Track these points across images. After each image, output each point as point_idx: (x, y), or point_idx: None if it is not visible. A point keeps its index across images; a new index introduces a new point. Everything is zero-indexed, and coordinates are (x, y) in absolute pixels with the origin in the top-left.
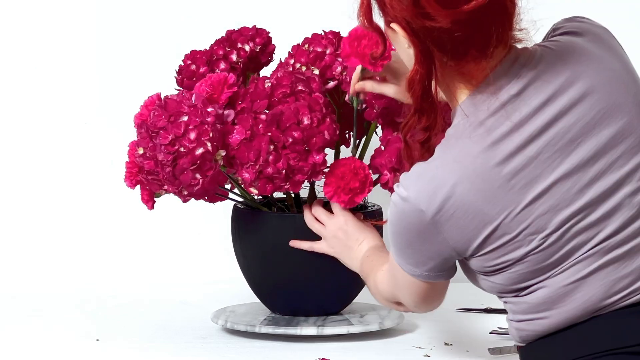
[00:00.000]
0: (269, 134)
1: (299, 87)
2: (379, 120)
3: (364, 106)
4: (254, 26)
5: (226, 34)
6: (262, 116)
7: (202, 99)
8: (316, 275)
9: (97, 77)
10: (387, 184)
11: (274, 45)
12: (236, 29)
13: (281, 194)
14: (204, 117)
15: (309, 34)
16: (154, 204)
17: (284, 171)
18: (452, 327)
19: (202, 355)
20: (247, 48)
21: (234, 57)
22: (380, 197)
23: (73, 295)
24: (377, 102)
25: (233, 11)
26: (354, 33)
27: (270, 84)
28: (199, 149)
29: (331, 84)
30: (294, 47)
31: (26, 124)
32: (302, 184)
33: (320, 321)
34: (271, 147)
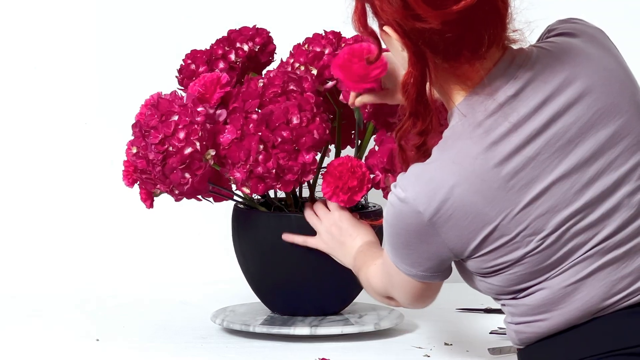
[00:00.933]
0: (259, 133)
1: (291, 87)
2: (372, 121)
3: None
4: (254, 26)
5: (227, 34)
6: (254, 116)
7: (193, 99)
8: (315, 275)
9: (97, 77)
10: (378, 184)
11: (274, 45)
12: (237, 29)
13: (282, 193)
14: (193, 116)
15: (310, 34)
16: (152, 203)
17: (274, 171)
18: (452, 327)
19: (202, 355)
20: (246, 48)
21: (232, 56)
22: (380, 197)
23: (73, 295)
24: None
25: (234, 11)
26: (342, 56)
27: (262, 84)
28: (187, 149)
29: (330, 83)
30: (294, 47)
31: (26, 124)
32: (294, 183)
33: (317, 321)
34: (261, 146)
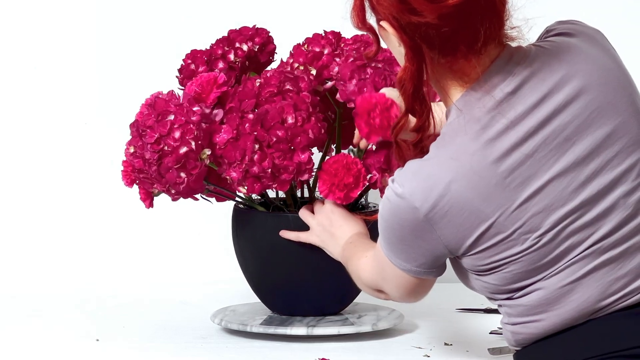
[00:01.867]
0: (254, 133)
1: (287, 87)
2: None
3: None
4: (254, 26)
5: (227, 34)
6: (250, 115)
7: (189, 98)
8: (315, 275)
9: (97, 77)
10: (375, 183)
11: (274, 45)
12: (237, 29)
13: (282, 193)
14: (189, 116)
15: (311, 34)
16: (151, 202)
17: (269, 170)
18: (452, 327)
19: (202, 355)
20: (245, 48)
21: (231, 56)
22: (379, 197)
23: (73, 295)
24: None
25: (235, 11)
26: (361, 107)
27: (259, 84)
28: (182, 148)
29: (329, 84)
30: (294, 47)
31: (26, 124)
32: (289, 183)
33: (314, 321)
34: (256, 146)
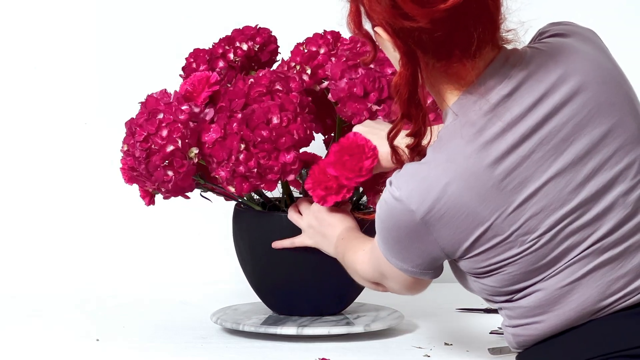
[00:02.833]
0: (241, 132)
1: (276, 87)
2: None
3: None
4: (256, 25)
5: (232, 33)
6: (239, 115)
7: (178, 97)
8: (315, 274)
9: (97, 77)
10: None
11: (276, 45)
12: (240, 28)
13: (280, 192)
14: (177, 114)
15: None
16: (151, 200)
17: (255, 170)
18: (452, 327)
19: (202, 355)
20: (245, 47)
21: (231, 55)
22: None
23: (73, 295)
24: (348, 104)
25: (238, 11)
26: (333, 155)
27: (249, 83)
28: (169, 146)
29: (325, 83)
30: (295, 47)
31: (26, 124)
32: (276, 183)
33: (308, 321)
34: (242, 146)
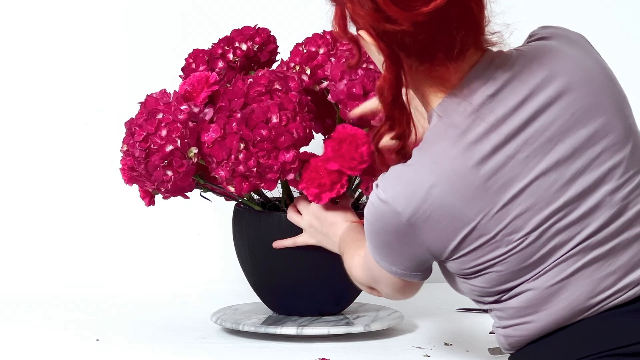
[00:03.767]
0: (240, 132)
1: (276, 86)
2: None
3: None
4: (255, 25)
5: (231, 34)
6: (238, 115)
7: (177, 97)
8: (315, 274)
9: (97, 77)
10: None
11: (275, 45)
12: (239, 29)
13: (280, 192)
14: (176, 114)
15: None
16: (151, 200)
17: (255, 169)
18: (452, 327)
19: (202, 355)
20: (244, 47)
21: (230, 55)
22: None
23: (73, 295)
24: (349, 104)
25: (235, 11)
26: (329, 150)
27: (248, 83)
28: (168, 146)
29: (324, 83)
30: (294, 47)
31: (26, 124)
32: (276, 182)
33: (307, 321)
34: (241, 145)
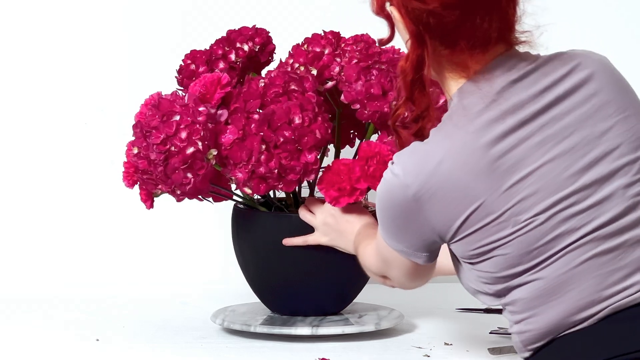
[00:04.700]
0: (261, 133)
1: (292, 87)
2: (372, 121)
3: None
4: (254, 26)
5: (227, 34)
6: (255, 116)
7: (194, 99)
8: (315, 275)
9: (97, 77)
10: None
11: (274, 45)
12: (237, 29)
13: (282, 193)
14: (195, 116)
15: (309, 34)
16: (152, 203)
17: (276, 171)
18: (452, 327)
19: (202, 355)
20: (246, 48)
21: (232, 57)
22: None
23: (73, 295)
24: (369, 104)
25: (234, 11)
26: (362, 152)
27: (263, 84)
28: (189, 148)
29: (330, 84)
30: (293, 47)
31: (26, 124)
32: (296, 183)
33: (317, 321)
34: (263, 146)
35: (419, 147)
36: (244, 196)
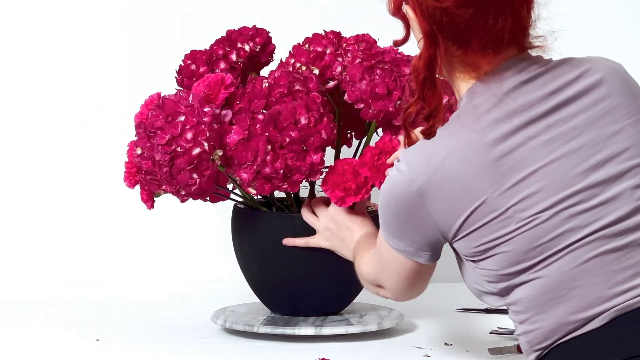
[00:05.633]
0: (266, 133)
1: (297, 87)
2: (376, 120)
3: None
4: (254, 26)
5: (226, 34)
6: (260, 116)
7: (199, 99)
8: (315, 275)
9: (97, 77)
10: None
11: (274, 45)
12: (236, 29)
13: (282, 193)
14: (200, 117)
15: (309, 34)
16: (153, 204)
17: (281, 171)
18: (452, 327)
19: (202, 355)
20: (247, 48)
21: (233, 57)
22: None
23: (73, 295)
24: (373, 104)
25: (233, 11)
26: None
27: (267, 84)
28: (195, 149)
29: (331, 83)
30: (294, 47)
31: (26, 124)
32: (300, 183)
33: (319, 321)
34: (268, 147)
35: (425, 144)
36: (243, 196)
